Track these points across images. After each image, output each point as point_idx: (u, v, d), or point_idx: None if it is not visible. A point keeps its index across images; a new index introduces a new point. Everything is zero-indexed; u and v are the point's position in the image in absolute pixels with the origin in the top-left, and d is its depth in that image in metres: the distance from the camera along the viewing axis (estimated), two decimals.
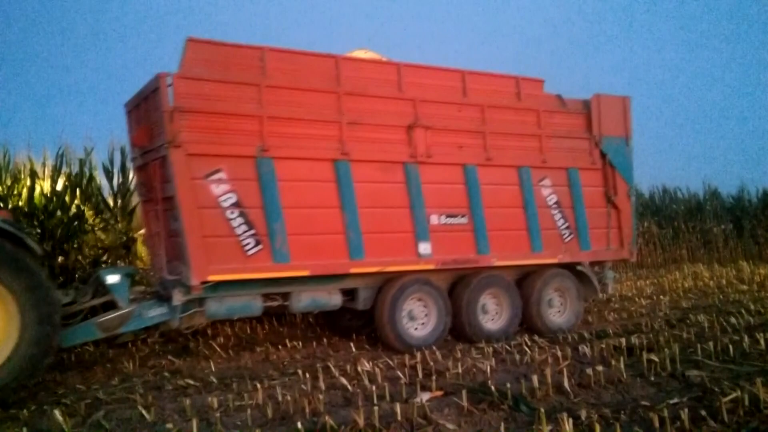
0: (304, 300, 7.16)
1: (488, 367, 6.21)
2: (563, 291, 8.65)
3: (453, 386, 5.60)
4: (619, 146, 9.04)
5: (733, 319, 8.37)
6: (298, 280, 6.99)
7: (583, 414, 4.60)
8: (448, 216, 7.70)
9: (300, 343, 8.09)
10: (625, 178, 9.07)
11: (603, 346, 7.00)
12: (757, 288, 12.32)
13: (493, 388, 5.35)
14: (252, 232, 6.54)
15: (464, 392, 5.06)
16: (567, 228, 8.58)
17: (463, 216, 7.80)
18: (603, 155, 8.92)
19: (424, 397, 5.23)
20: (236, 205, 6.49)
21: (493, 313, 8.12)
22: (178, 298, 6.51)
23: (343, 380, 5.88)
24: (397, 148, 7.39)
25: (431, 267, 7.54)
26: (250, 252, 6.53)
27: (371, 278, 7.48)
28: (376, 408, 4.72)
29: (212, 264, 6.30)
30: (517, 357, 6.74)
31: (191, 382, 6.22)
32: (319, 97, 7.00)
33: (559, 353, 6.67)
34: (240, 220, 6.49)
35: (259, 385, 5.69)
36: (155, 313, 6.73)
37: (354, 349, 7.65)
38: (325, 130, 6.98)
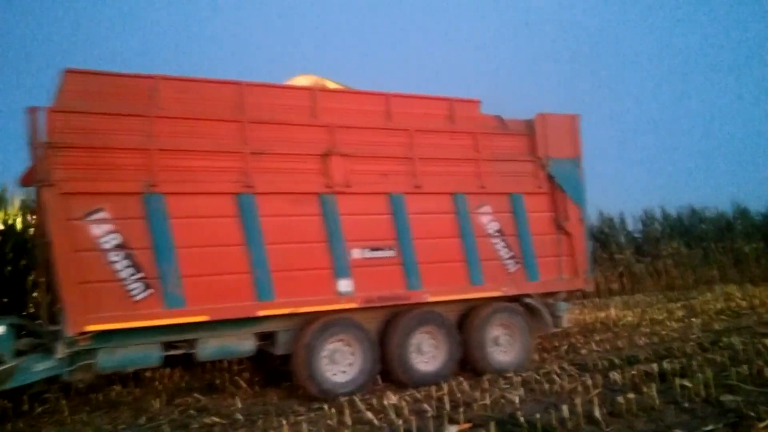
0: (210, 347, 6.57)
1: (517, 398, 6.08)
2: (510, 327, 7.97)
3: (481, 418, 5.51)
4: (569, 168, 8.41)
5: (766, 341, 8.02)
6: (205, 326, 6.42)
7: None
8: (373, 249, 7.11)
9: None
10: (576, 202, 8.42)
11: (634, 372, 6.86)
12: None
13: (522, 419, 5.25)
14: (140, 275, 6.00)
15: (492, 424, 5.01)
16: (511, 258, 7.93)
17: (390, 249, 7.20)
18: (551, 178, 8.29)
19: (452, 430, 5.19)
20: (121, 246, 5.96)
21: (429, 353, 7.45)
22: (61, 350, 5.96)
23: (370, 414, 5.81)
24: (310, 178, 6.85)
25: (353, 306, 6.92)
26: (138, 297, 5.98)
27: (290, 320, 6.88)
28: None
29: (91, 313, 5.75)
30: (546, 386, 6.56)
31: (217, 419, 6.16)
32: (219, 126, 6.51)
33: (590, 381, 6.50)
34: (125, 262, 5.96)
35: (284, 422, 5.68)
36: (43, 366, 6.17)
37: (380, 382, 7.39)
38: (226, 162, 6.47)
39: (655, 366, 6.98)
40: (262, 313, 6.49)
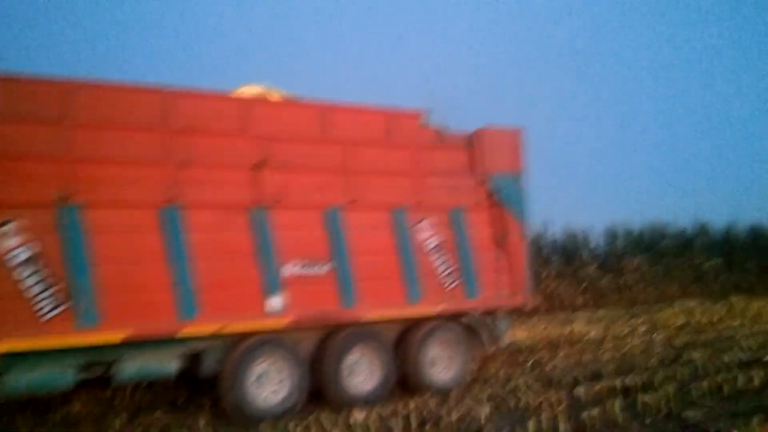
0: (129, 368, 6.19)
1: (483, 414, 6.07)
2: (449, 345, 7.81)
3: None
4: (510, 183, 8.33)
5: (726, 356, 8.41)
6: (125, 346, 6.06)
7: None
8: (306, 265, 6.86)
9: None
10: (518, 218, 8.34)
11: (598, 387, 6.92)
12: (749, 323, 12.37)
13: None
14: (49, 292, 5.61)
15: None
16: (450, 274, 7.78)
17: (324, 265, 6.96)
18: (491, 193, 8.20)
19: None
20: (29, 261, 5.56)
21: (364, 373, 7.22)
22: None
23: None
24: (240, 191, 6.58)
25: (283, 324, 6.65)
26: (47, 316, 5.59)
27: (218, 340, 6.56)
28: None
29: None
30: (513, 402, 6.63)
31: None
32: (142, 135, 6.20)
33: (555, 397, 6.53)
34: (34, 278, 5.56)
35: None
36: None
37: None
38: (149, 172, 6.16)
39: (618, 381, 7.08)
40: (184, 332, 6.17)
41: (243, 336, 6.55)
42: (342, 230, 7.08)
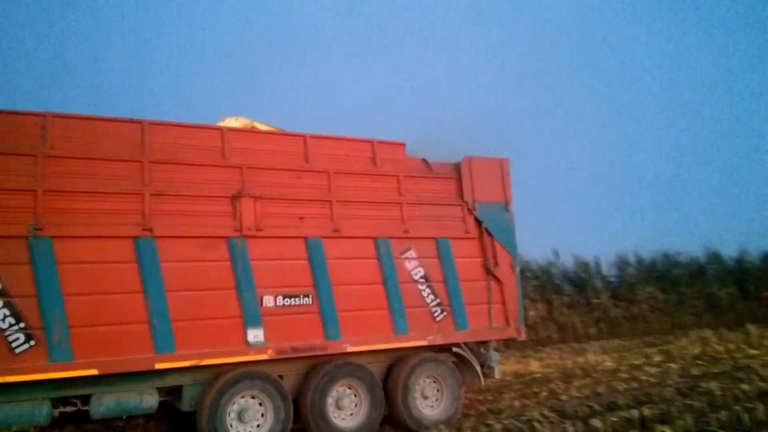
0: (106, 403, 6.03)
1: None
2: (438, 379, 7.57)
3: None
4: (498, 213, 8.20)
5: (744, 386, 8.21)
6: (102, 380, 5.91)
7: None
8: (287, 296, 6.71)
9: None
10: (507, 248, 8.18)
11: (615, 418, 6.79)
12: (766, 352, 12.10)
13: None
14: (21, 325, 5.51)
15: None
16: (438, 305, 7.60)
17: (306, 296, 6.81)
18: (479, 223, 8.06)
19: None
20: (1, 294, 5.47)
21: (349, 408, 7.00)
22: None
23: None
24: (218, 221, 6.49)
25: (264, 357, 6.47)
26: (19, 350, 5.48)
27: (198, 374, 6.40)
28: None
29: None
30: None
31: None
32: (116, 166, 6.16)
33: (571, 428, 6.45)
34: (5, 311, 5.47)
35: None
36: None
37: None
38: (124, 204, 6.09)
39: (635, 412, 6.90)
40: (160, 366, 6.00)
41: (224, 369, 6.37)
42: (325, 260, 6.95)
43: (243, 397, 6.41)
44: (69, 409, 6.04)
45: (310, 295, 6.83)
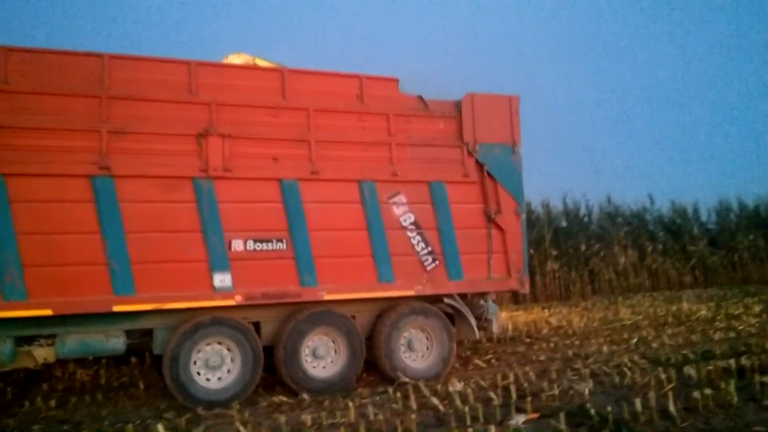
0: (70, 344, 5.96)
1: (586, 390, 5.88)
2: (428, 331, 7.12)
3: (549, 409, 5.35)
4: (502, 155, 7.52)
5: None
6: (69, 320, 5.84)
7: None
8: (258, 241, 6.39)
9: None
10: (511, 193, 7.52)
11: (710, 367, 6.51)
12: None
13: (592, 411, 5.08)
14: None
15: (562, 415, 4.85)
16: (429, 253, 7.09)
17: (279, 241, 6.47)
18: (480, 166, 7.41)
19: (520, 419, 5.06)
20: None
21: (327, 357, 6.69)
22: None
23: (435, 400, 5.74)
24: (183, 161, 6.19)
25: (231, 303, 6.22)
26: None
27: (170, 317, 6.23)
28: (470, 429, 4.60)
29: None
30: (617, 379, 6.34)
31: (285, 399, 6.27)
32: (73, 102, 5.91)
33: (663, 375, 6.17)
34: None
35: (350, 404, 5.66)
36: None
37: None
38: (80, 141, 5.87)
39: (732, 362, 6.58)
40: (118, 308, 5.85)
41: (194, 315, 6.18)
42: (301, 204, 6.56)
43: (209, 344, 6.20)
44: (35, 348, 6.01)
45: (284, 240, 6.48)
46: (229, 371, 6.26)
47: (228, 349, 6.27)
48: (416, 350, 7.08)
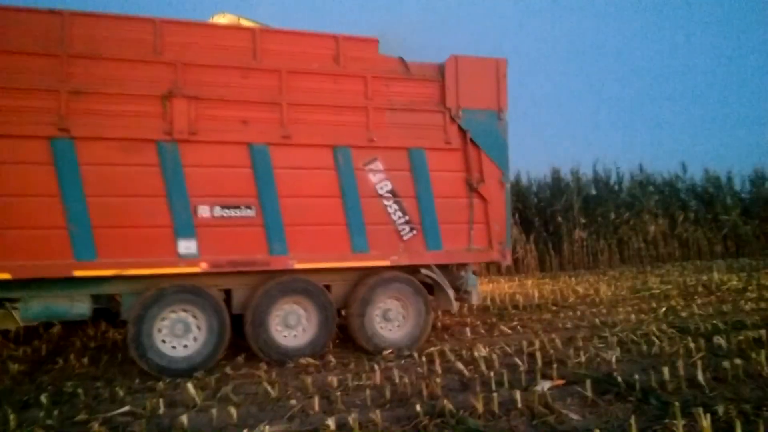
0: (33, 308, 5.89)
1: (613, 357, 5.87)
2: (403, 301, 6.95)
3: (575, 376, 5.32)
4: (488, 121, 7.20)
5: None
6: (34, 284, 5.76)
7: (721, 409, 4.19)
8: (226, 207, 6.21)
9: None
10: (496, 161, 7.23)
11: (741, 337, 6.49)
12: None
13: (619, 378, 5.04)
14: None
15: (588, 382, 4.80)
16: (407, 223, 6.87)
17: (248, 207, 6.29)
18: (463, 132, 7.12)
19: (546, 385, 5.00)
20: None
21: (298, 327, 6.55)
22: None
23: (460, 365, 5.78)
24: (145, 123, 5.98)
25: (195, 270, 6.07)
26: None
27: (137, 283, 6.11)
28: (495, 394, 4.56)
29: None
30: (645, 348, 6.31)
31: (311, 360, 6.34)
32: (31, 60, 5.71)
33: (692, 345, 6.17)
34: None
35: (376, 366, 5.78)
36: None
37: (469, 335, 7.60)
38: (38, 101, 5.69)
39: (763, 332, 6.55)
40: (78, 273, 5.74)
41: (160, 282, 6.06)
42: (271, 169, 6.35)
43: (174, 311, 6.09)
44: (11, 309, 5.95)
45: (253, 207, 6.29)
46: (195, 339, 6.15)
47: (194, 317, 6.15)
48: (391, 320, 6.92)
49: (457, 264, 7.26)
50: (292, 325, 6.51)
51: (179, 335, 6.10)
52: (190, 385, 5.20)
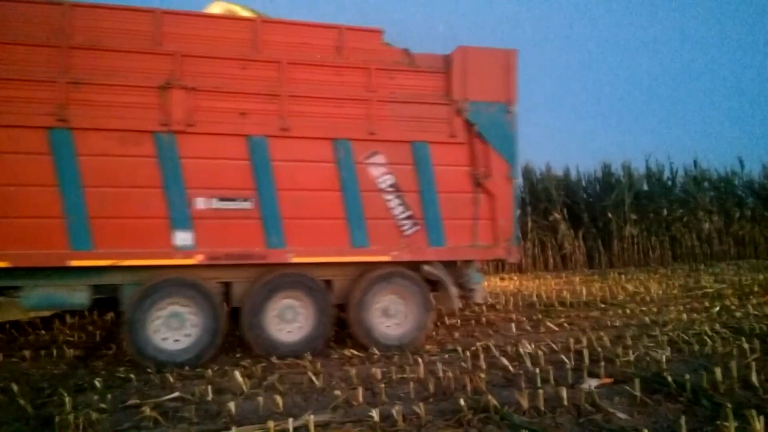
0: (35, 296, 5.97)
1: (663, 357, 5.77)
2: (405, 297, 6.82)
3: (623, 374, 5.24)
4: (495, 115, 6.99)
5: None
6: (39, 273, 5.86)
7: None
8: (223, 199, 6.19)
9: (458, 321, 8.37)
10: (503, 156, 7.02)
11: None
12: None
13: (669, 378, 4.93)
14: None
15: (637, 381, 4.69)
16: (409, 218, 6.73)
17: (245, 200, 6.25)
18: (470, 126, 6.93)
19: (593, 383, 4.95)
20: None
21: (295, 322, 6.50)
22: None
23: (504, 361, 5.77)
24: (143, 114, 6.00)
25: (191, 262, 6.08)
26: None
27: (138, 274, 6.15)
28: (540, 391, 4.50)
29: None
30: (696, 348, 6.22)
31: (355, 352, 6.47)
32: (32, 51, 5.78)
33: (746, 345, 6.02)
34: None
35: (420, 360, 5.81)
36: None
37: (514, 331, 7.61)
38: (38, 92, 5.75)
39: None
40: (75, 263, 5.80)
41: (159, 274, 6.09)
42: (269, 162, 6.30)
43: (169, 303, 6.10)
44: (2, 299, 6.07)
45: (251, 200, 6.25)
46: (190, 332, 6.15)
47: (189, 310, 6.15)
48: (392, 317, 6.80)
49: (464, 261, 7.09)
50: (288, 320, 6.45)
51: (175, 328, 6.10)
52: (237, 373, 5.33)
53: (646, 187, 19.39)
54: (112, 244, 5.88)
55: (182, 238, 6.04)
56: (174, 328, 6.09)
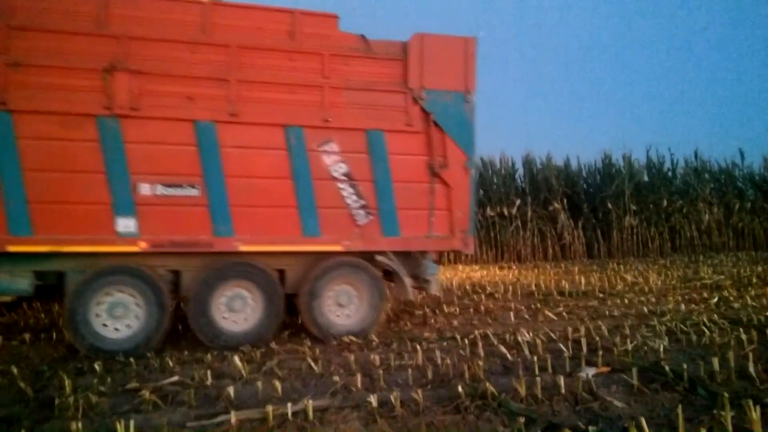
0: None
1: (661, 346, 5.76)
2: (357, 287, 6.72)
3: (621, 363, 5.22)
4: (453, 103, 6.88)
5: None
6: None
7: None
8: (168, 186, 6.06)
9: (457, 310, 8.37)
10: (461, 145, 6.91)
11: None
12: None
13: (667, 368, 4.89)
14: None
15: (634, 370, 4.68)
16: (362, 207, 6.62)
17: (192, 186, 6.12)
18: (426, 114, 6.81)
19: (590, 371, 4.93)
20: None
21: (243, 312, 6.38)
22: None
23: (503, 349, 5.77)
24: (85, 97, 5.85)
25: (134, 249, 5.95)
26: None
27: (83, 261, 6.02)
28: (538, 379, 4.50)
29: None
30: (694, 338, 6.17)
31: (354, 339, 6.49)
32: None
33: (744, 336, 5.98)
34: None
35: (418, 347, 5.82)
36: None
37: (513, 319, 7.62)
38: None
39: None
40: (12, 248, 5.67)
41: (103, 261, 5.96)
42: (218, 148, 6.17)
43: (111, 291, 5.97)
44: None
45: (198, 186, 6.13)
46: (134, 321, 6.03)
47: (132, 298, 6.03)
48: (344, 306, 6.70)
49: (419, 251, 6.98)
50: (236, 310, 6.34)
51: (118, 316, 5.98)
52: (236, 358, 5.39)
53: (646, 178, 19.39)
54: (52, 230, 5.74)
55: (125, 224, 5.92)
56: (117, 317, 5.97)
